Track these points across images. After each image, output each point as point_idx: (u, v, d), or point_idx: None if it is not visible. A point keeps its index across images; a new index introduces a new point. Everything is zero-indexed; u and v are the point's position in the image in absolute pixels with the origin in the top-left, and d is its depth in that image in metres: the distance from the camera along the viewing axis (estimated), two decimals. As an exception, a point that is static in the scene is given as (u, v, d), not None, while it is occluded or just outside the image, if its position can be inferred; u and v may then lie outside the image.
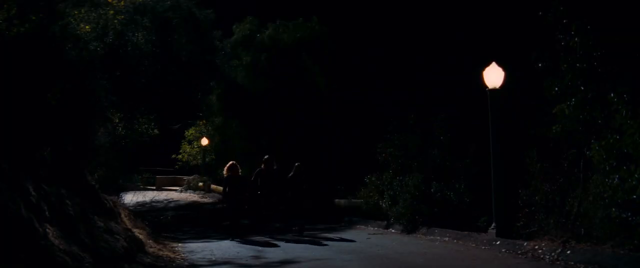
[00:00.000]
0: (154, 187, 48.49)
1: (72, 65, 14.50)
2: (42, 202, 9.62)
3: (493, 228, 14.32)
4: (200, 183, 45.24)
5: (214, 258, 13.19)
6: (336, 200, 25.25)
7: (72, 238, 9.77)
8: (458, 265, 11.56)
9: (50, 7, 13.39)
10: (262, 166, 18.26)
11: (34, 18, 12.00)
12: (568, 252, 11.26)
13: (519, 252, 12.42)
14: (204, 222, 25.38)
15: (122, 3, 21.92)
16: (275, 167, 18.26)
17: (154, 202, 34.58)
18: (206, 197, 40.88)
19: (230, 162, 18.29)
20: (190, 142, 47.96)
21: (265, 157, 18.49)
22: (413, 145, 20.61)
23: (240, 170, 18.18)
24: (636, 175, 10.42)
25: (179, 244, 16.21)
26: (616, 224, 11.03)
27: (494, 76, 14.68)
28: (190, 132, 46.51)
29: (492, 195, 14.48)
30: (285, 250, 14.29)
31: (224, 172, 18.23)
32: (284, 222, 18.70)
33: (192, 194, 43.90)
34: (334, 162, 32.61)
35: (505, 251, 12.83)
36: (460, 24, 27.12)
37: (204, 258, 13.33)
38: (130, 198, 23.60)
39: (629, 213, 10.75)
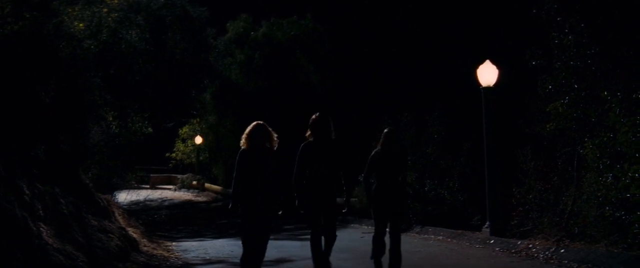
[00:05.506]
0: (148, 186, 48.44)
1: (66, 64, 14.48)
2: (36, 200, 9.60)
3: (487, 227, 14.34)
4: (194, 182, 45.22)
5: (208, 257, 13.18)
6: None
7: (66, 237, 9.76)
8: (452, 264, 11.57)
9: (44, 5, 13.37)
10: (308, 133, 9.78)
11: (27, 16, 11.99)
12: (562, 250, 11.28)
13: (513, 250, 12.43)
14: (198, 221, 25.38)
15: (116, 1, 21.93)
16: (334, 137, 9.80)
17: (148, 200, 34.52)
18: (200, 196, 40.88)
19: (254, 124, 9.36)
20: (184, 141, 47.91)
21: (315, 115, 9.80)
22: (407, 144, 20.61)
23: (275, 141, 9.28)
24: (630, 174, 10.43)
25: (173, 243, 16.20)
26: (610, 223, 11.06)
27: (488, 74, 14.70)
28: (184, 131, 46.45)
29: (486, 193, 14.50)
30: (279, 248, 14.27)
31: (242, 142, 9.24)
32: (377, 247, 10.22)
33: (186, 193, 43.89)
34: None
35: (499, 250, 12.84)
36: (455, 21, 27.14)
37: (198, 257, 13.32)
38: (124, 197, 23.57)
39: (623, 212, 10.77)
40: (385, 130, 10.35)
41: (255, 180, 8.97)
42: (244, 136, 9.35)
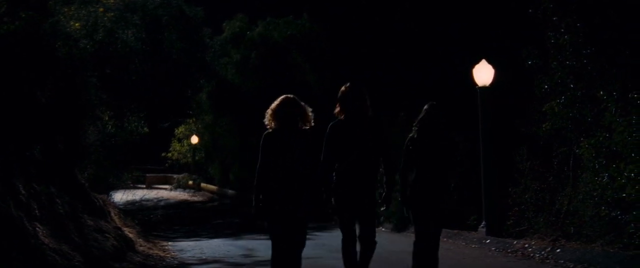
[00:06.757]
0: (144, 186, 48.42)
1: (63, 63, 14.46)
2: (32, 200, 9.59)
3: (483, 227, 14.34)
4: (190, 182, 45.24)
5: (204, 257, 13.17)
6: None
7: (62, 237, 9.75)
8: (448, 264, 11.55)
9: (40, 4, 13.36)
10: (337, 110, 7.82)
11: (24, 15, 11.96)
12: (558, 250, 11.29)
13: (509, 250, 12.44)
14: (194, 220, 25.38)
15: (112, 0, 21.89)
16: (370, 113, 7.77)
17: (144, 200, 34.53)
18: (196, 196, 40.91)
19: (283, 98, 7.68)
20: (180, 140, 47.88)
21: (345, 86, 7.94)
22: (403, 144, 20.59)
23: (310, 119, 7.64)
24: (626, 174, 10.45)
25: (169, 243, 16.18)
26: (606, 223, 11.08)
27: (484, 74, 14.69)
28: (180, 130, 46.44)
29: (482, 193, 14.49)
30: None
31: (267, 121, 7.60)
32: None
33: (182, 193, 43.91)
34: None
35: (495, 250, 12.84)
36: (452, 21, 27.12)
37: (194, 257, 13.31)
38: (120, 196, 23.53)
39: (619, 212, 10.79)
40: (425, 107, 8.32)
41: (284, 169, 7.25)
42: (268, 113, 7.58)
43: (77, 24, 18.35)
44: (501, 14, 23.14)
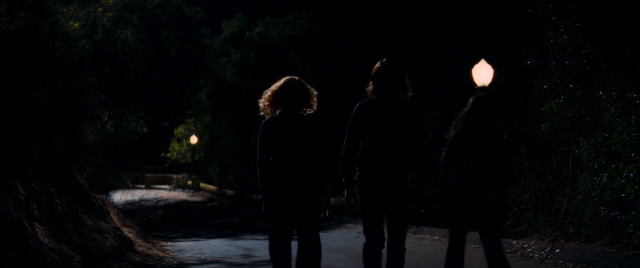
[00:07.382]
0: (143, 186, 48.53)
1: (61, 63, 14.46)
2: (31, 200, 9.57)
3: (482, 227, 14.32)
4: (190, 182, 45.28)
5: (203, 257, 13.16)
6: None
7: (61, 237, 9.73)
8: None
9: (39, 4, 13.34)
10: (370, 88, 6.70)
11: (22, 15, 11.95)
12: (557, 250, 11.28)
13: (508, 250, 12.41)
14: (193, 220, 25.38)
15: (111, 0, 21.89)
16: (408, 96, 6.66)
17: (143, 200, 34.60)
18: (195, 196, 40.94)
19: (286, 79, 6.81)
20: (179, 140, 47.92)
21: (380, 62, 6.71)
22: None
23: (314, 101, 6.82)
24: (625, 174, 10.45)
25: (168, 243, 16.17)
26: (605, 223, 11.08)
27: (483, 74, 14.70)
28: (179, 130, 46.47)
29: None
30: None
31: (264, 105, 6.73)
32: None
33: (181, 193, 43.95)
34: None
35: (495, 249, 12.82)
36: (449, 21, 27.17)
37: (193, 257, 13.29)
38: (119, 196, 23.56)
39: (618, 212, 10.79)
40: (471, 100, 7.10)
41: (291, 162, 6.33)
42: (266, 95, 6.58)
43: (76, 24, 18.35)
44: (500, 14, 23.16)
